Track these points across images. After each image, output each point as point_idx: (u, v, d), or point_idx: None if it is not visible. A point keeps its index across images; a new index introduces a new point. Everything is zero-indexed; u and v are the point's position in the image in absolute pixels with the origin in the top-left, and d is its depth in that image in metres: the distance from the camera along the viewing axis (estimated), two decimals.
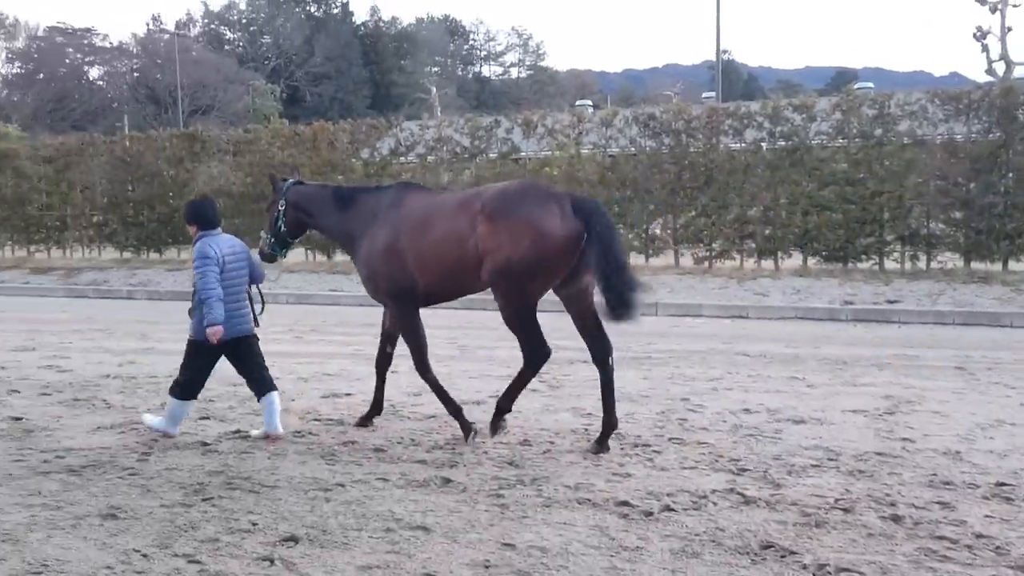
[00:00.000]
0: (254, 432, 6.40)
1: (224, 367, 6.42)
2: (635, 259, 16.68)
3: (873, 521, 4.56)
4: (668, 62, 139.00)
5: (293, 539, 4.40)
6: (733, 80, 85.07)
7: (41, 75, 67.69)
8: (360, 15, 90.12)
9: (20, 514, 4.79)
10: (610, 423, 6.01)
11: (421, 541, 4.37)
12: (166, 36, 71.49)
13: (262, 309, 6.71)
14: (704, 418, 6.82)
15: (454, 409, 6.35)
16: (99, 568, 4.09)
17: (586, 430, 6.44)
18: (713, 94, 38.87)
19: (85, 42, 75.48)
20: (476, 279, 6.01)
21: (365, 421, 6.67)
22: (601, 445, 5.95)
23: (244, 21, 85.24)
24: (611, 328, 6.10)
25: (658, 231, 17.03)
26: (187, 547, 4.31)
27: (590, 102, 46.99)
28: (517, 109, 25.48)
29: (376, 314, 13.80)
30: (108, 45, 76.74)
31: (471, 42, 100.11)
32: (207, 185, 19.87)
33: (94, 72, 76.60)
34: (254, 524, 4.60)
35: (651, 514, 4.71)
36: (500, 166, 17.71)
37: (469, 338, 11.08)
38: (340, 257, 18.63)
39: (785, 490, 5.07)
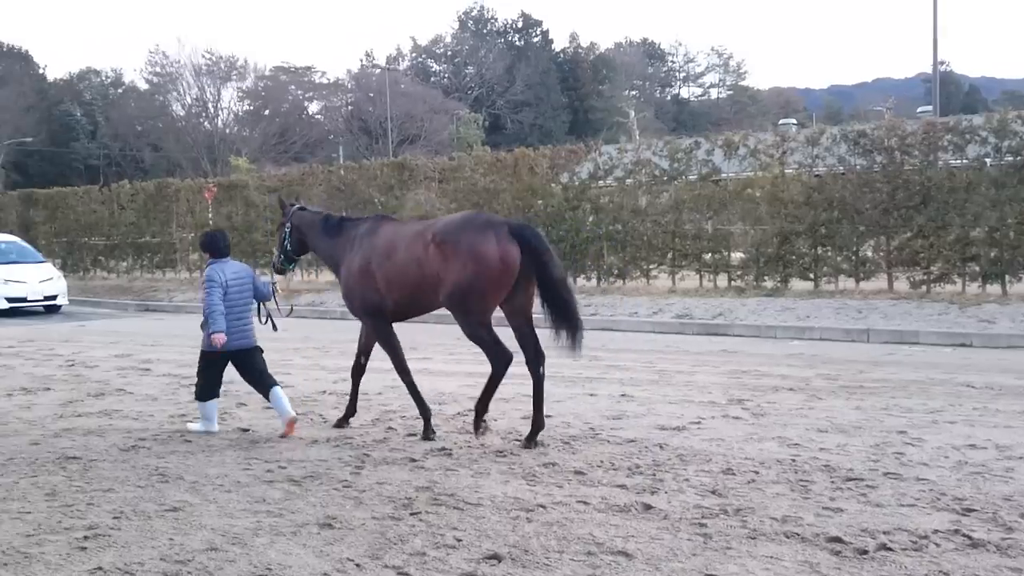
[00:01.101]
0: (279, 433, 7.33)
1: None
2: (844, 282, 15.97)
3: None
4: (878, 76, 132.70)
5: (496, 557, 4.48)
6: (952, 92, 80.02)
7: (267, 111, 73.12)
8: (559, 43, 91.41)
9: (247, 519, 5.15)
10: (538, 423, 6.86)
11: (623, 567, 4.34)
12: (377, 71, 75.52)
13: (286, 311, 8.04)
14: (924, 453, 6.39)
15: (425, 412, 7.23)
16: (317, 574, 4.32)
17: (793, 460, 6.18)
18: (929, 108, 36.66)
19: (305, 79, 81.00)
20: (433, 297, 6.94)
21: (342, 422, 7.60)
22: (530, 443, 6.75)
23: (449, 53, 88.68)
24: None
25: (869, 253, 16.19)
26: (396, 559, 4.49)
27: (794, 120, 45.56)
28: (717, 130, 25.06)
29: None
30: (326, 81, 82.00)
31: (670, 64, 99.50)
32: (414, 211, 20.74)
33: (313, 107, 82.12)
34: (458, 540, 4.73)
35: (866, 552, 4.46)
36: (700, 188, 17.44)
37: (667, 362, 10.93)
38: None
39: (1018, 534, 4.66)
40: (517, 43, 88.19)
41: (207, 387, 7.46)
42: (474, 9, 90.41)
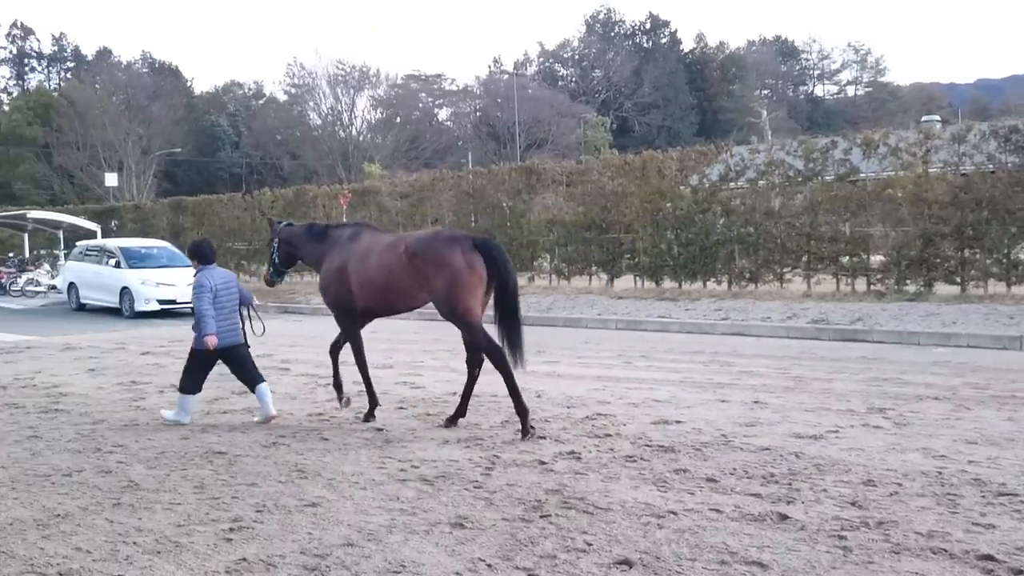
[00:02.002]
0: (255, 419, 8.07)
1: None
2: (993, 287, 15.15)
3: None
4: None
5: (627, 563, 4.44)
6: None
7: (398, 119, 75.00)
8: (687, 43, 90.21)
9: (382, 517, 5.27)
10: (462, 411, 7.80)
11: None
12: (505, 76, 76.31)
13: (263, 329, 8.65)
14: None
15: (373, 401, 8.13)
16: (449, 573, 4.38)
17: (939, 473, 5.89)
18: None
19: (435, 87, 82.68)
20: (398, 300, 7.81)
21: (369, 416, 8.11)
22: (451, 422, 7.71)
23: (576, 57, 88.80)
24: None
25: (1022, 256, 15.29)
26: (527, 561, 4.50)
27: (938, 117, 43.45)
28: (854, 128, 24.16)
29: (703, 341, 13.64)
30: (455, 88, 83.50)
31: (803, 61, 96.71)
32: (542, 215, 20.85)
33: (443, 113, 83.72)
34: (589, 544, 4.71)
35: (1021, 572, 4.20)
36: (837, 189, 16.87)
37: (802, 369, 10.61)
38: (668, 283, 18.70)
39: None
40: (644, 45, 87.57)
41: (192, 382, 8.12)
42: (601, 12, 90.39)
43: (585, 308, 17.79)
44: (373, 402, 8.15)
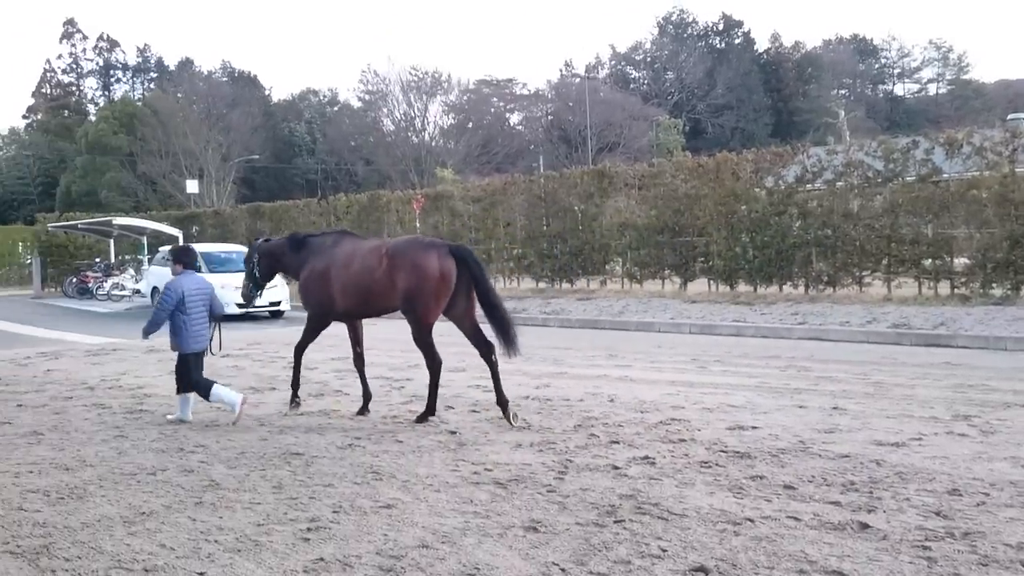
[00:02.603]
0: (169, 417, 8.67)
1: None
2: None
3: None
4: None
5: (703, 570, 4.38)
6: None
7: (470, 124, 75.44)
8: (761, 43, 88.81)
9: (456, 519, 5.30)
10: (502, 399, 8.05)
11: None
12: (577, 80, 76.20)
13: (220, 345, 9.11)
14: None
15: (295, 386, 8.85)
16: None
17: None
18: None
19: (507, 91, 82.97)
20: (379, 302, 8.29)
21: (363, 411, 8.64)
22: (506, 415, 7.94)
23: (648, 59, 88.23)
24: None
25: None
26: (601, 566, 4.48)
27: None
28: (936, 128, 23.49)
29: (779, 345, 13.41)
30: (526, 92, 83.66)
31: (882, 60, 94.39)
32: (614, 218, 20.76)
33: (514, 118, 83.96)
34: (663, 550, 4.66)
35: None
36: (918, 190, 16.43)
37: (883, 374, 10.34)
38: (743, 287, 18.44)
39: None
40: (718, 46, 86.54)
41: (184, 383, 8.58)
42: (674, 13, 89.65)
43: (658, 312, 17.64)
44: (295, 387, 8.91)
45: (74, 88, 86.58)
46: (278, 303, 22.18)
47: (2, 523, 5.49)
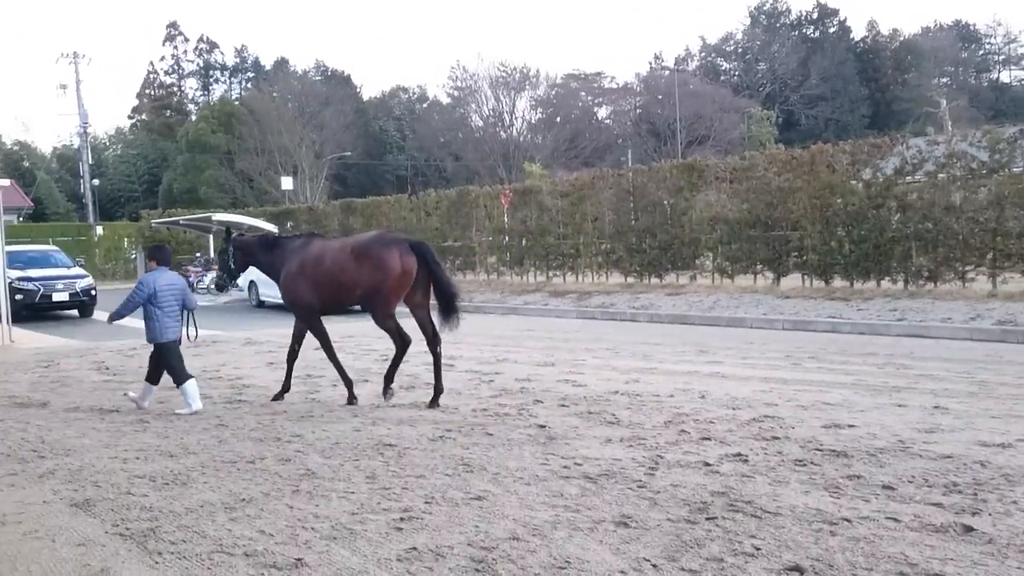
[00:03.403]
0: (181, 411, 8.90)
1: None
2: None
3: None
4: None
5: (798, 570, 4.30)
6: None
7: (558, 118, 75.34)
8: (857, 32, 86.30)
9: (546, 512, 5.32)
10: (439, 388, 8.92)
11: None
12: (666, 72, 75.36)
13: (196, 333, 9.58)
14: None
15: (347, 382, 9.34)
16: (614, 571, 4.37)
17: None
18: None
19: (595, 85, 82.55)
20: (345, 295, 9.24)
21: (278, 397, 9.42)
22: (433, 404, 8.76)
23: (740, 50, 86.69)
24: None
25: None
26: (693, 563, 4.44)
27: None
28: None
29: (877, 342, 13.05)
30: (615, 86, 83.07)
31: (987, 47, 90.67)
32: (704, 212, 20.46)
33: (602, 112, 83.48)
34: (757, 549, 4.59)
35: None
36: None
37: (988, 373, 9.96)
38: (839, 282, 17.98)
39: None
40: (812, 35, 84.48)
41: (176, 372, 9.00)
42: (766, 3, 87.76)
43: (750, 307, 17.35)
44: (348, 384, 9.33)
45: (175, 89, 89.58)
46: None
47: (112, 506, 5.74)
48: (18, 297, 21.01)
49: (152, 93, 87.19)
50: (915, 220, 17.09)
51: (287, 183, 53.39)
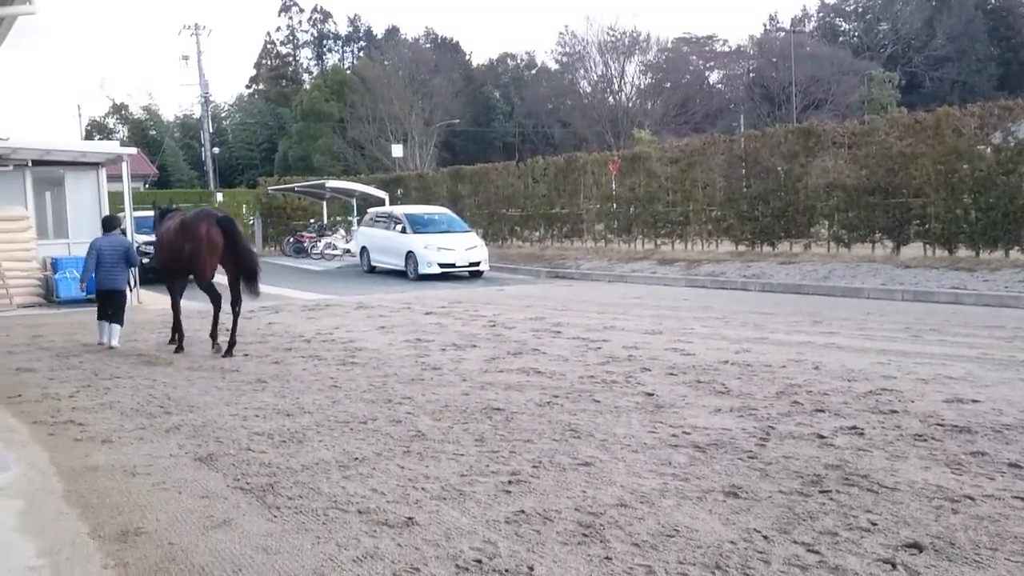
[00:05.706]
0: (113, 342, 11.67)
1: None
2: None
3: None
4: None
5: (917, 546, 4.17)
6: None
7: (668, 83, 73.92)
8: None
9: (654, 480, 5.29)
10: (232, 340, 10.81)
11: None
12: (781, 34, 72.96)
13: (134, 285, 11.89)
14: None
15: (178, 333, 11.53)
16: (723, 541, 4.32)
17: None
18: None
19: (707, 48, 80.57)
20: (185, 264, 11.03)
21: (176, 346, 11.34)
22: (227, 353, 10.63)
23: (860, 10, 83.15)
24: None
25: None
26: (806, 536, 4.35)
27: None
28: None
29: (1004, 315, 12.48)
30: (727, 50, 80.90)
31: None
32: (820, 179, 19.83)
33: (714, 76, 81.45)
34: (873, 524, 4.47)
35: None
36: None
37: None
38: (963, 252, 17.21)
39: None
40: None
41: (122, 316, 11.90)
42: None
43: (867, 277, 16.78)
44: (179, 335, 11.49)
45: (291, 58, 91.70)
46: (477, 263, 22.75)
47: (233, 461, 5.98)
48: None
49: (268, 63, 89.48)
50: None
51: (397, 151, 54.09)
